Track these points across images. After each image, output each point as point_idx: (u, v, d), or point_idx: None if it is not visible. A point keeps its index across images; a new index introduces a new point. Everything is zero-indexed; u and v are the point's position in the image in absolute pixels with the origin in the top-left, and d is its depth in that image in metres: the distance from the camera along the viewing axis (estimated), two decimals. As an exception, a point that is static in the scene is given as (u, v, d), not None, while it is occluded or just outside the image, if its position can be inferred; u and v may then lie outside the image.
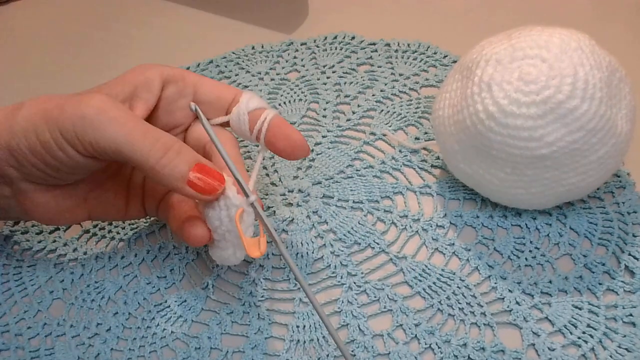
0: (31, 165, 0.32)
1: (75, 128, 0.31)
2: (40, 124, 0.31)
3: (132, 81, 0.35)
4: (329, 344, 0.34)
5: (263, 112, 0.36)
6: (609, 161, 0.35)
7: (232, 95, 0.37)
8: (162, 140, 0.31)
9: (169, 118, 0.36)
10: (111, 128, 0.30)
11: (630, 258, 0.36)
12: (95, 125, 0.30)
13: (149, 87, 0.35)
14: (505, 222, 0.39)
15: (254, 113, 0.36)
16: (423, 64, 0.51)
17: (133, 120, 0.31)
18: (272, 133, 0.36)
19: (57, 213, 0.35)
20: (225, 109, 0.37)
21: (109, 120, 0.31)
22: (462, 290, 0.36)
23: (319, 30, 0.55)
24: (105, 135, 0.30)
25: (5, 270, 0.40)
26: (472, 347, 0.34)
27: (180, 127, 0.37)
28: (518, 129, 0.34)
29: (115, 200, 0.37)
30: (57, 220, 0.36)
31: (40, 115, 0.31)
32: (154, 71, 0.35)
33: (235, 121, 0.36)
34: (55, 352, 0.36)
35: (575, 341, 0.33)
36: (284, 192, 0.42)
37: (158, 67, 0.35)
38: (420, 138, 0.45)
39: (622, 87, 0.35)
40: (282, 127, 0.36)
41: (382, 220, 0.40)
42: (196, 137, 0.37)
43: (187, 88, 0.36)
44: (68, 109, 0.31)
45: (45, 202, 0.34)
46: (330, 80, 0.50)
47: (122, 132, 0.30)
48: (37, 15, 0.62)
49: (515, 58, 0.35)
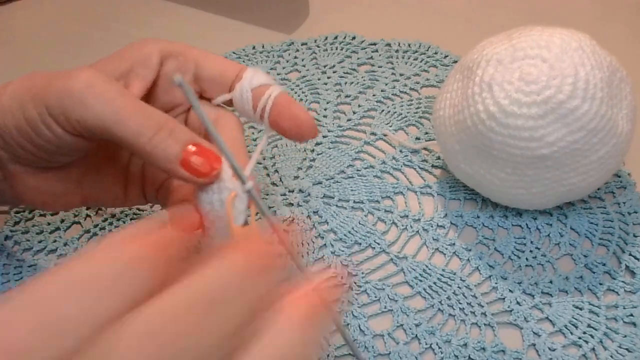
0: (18, 146, 0.31)
1: (61, 103, 0.29)
2: (26, 100, 0.29)
3: (129, 57, 0.33)
4: (329, 344, 0.34)
5: (268, 88, 0.33)
6: (610, 161, 0.35)
7: (236, 71, 0.34)
8: (155, 119, 0.29)
9: (168, 97, 0.34)
10: (99, 104, 0.28)
11: (631, 258, 0.36)
12: (81, 101, 0.28)
13: (146, 62, 0.32)
14: (506, 222, 0.39)
15: (258, 90, 0.33)
16: (424, 64, 0.51)
17: (123, 97, 0.29)
18: (276, 112, 0.33)
19: (50, 197, 0.34)
20: (228, 86, 0.34)
21: (96, 96, 0.28)
22: (462, 290, 0.36)
23: (320, 30, 0.55)
24: (92, 112, 0.28)
25: (5, 270, 0.40)
26: (472, 347, 0.34)
27: (182, 107, 0.35)
28: (519, 129, 0.34)
29: (113, 185, 0.35)
30: (51, 205, 0.34)
31: (27, 90, 0.30)
32: (152, 46, 0.33)
33: (238, 99, 0.33)
34: (55, 352, 0.35)
35: (576, 341, 0.33)
36: (284, 192, 0.42)
37: (157, 42, 0.33)
38: (421, 138, 0.45)
39: (622, 87, 0.35)
40: (288, 105, 0.33)
41: (382, 220, 0.40)
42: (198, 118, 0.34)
43: (187, 63, 0.34)
44: (55, 83, 0.29)
45: (37, 185, 0.33)
46: (331, 80, 0.50)
47: (110, 108, 0.28)
48: (37, 15, 0.62)
49: (516, 58, 0.35)
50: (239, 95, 0.33)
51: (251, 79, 0.33)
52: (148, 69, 0.33)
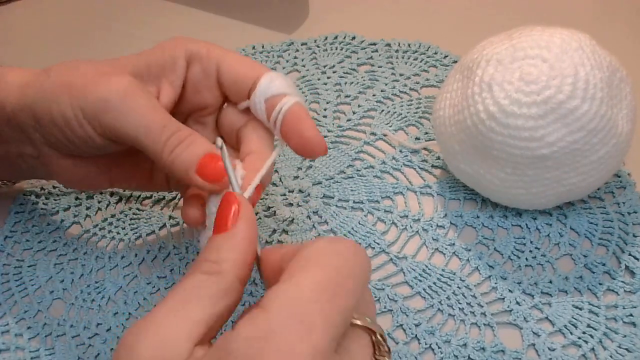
0: (51, 134, 0.32)
1: (97, 111, 0.30)
2: (64, 98, 0.31)
3: (159, 60, 0.33)
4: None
5: (281, 99, 0.32)
6: (610, 161, 0.35)
7: (253, 77, 0.33)
8: (178, 134, 0.31)
9: (196, 98, 0.35)
10: (132, 117, 0.30)
11: (631, 258, 0.36)
12: (117, 112, 0.30)
13: (174, 67, 0.33)
14: (506, 222, 0.39)
15: (272, 100, 0.32)
16: (423, 64, 0.51)
17: (154, 112, 0.31)
18: (287, 128, 0.32)
19: (78, 179, 0.35)
20: (246, 92, 0.33)
21: (131, 109, 0.30)
22: (462, 290, 0.36)
23: (320, 30, 0.55)
24: (125, 124, 0.30)
25: (5, 270, 0.40)
26: (472, 347, 0.34)
27: (210, 109, 0.35)
28: (519, 129, 0.34)
29: (139, 172, 0.37)
30: (79, 185, 0.37)
31: (65, 89, 0.31)
32: (179, 49, 0.33)
33: (254, 110, 0.33)
34: (55, 352, 0.35)
35: (576, 341, 0.33)
36: (284, 192, 0.42)
37: (183, 44, 0.34)
38: (421, 138, 0.45)
39: (622, 87, 0.35)
40: (297, 121, 0.32)
41: (382, 220, 0.40)
42: (228, 122, 0.35)
43: (210, 67, 0.34)
44: (91, 88, 0.31)
45: (67, 167, 0.34)
46: (331, 80, 0.50)
47: (142, 122, 0.30)
48: (37, 15, 0.62)
49: (516, 58, 0.35)
50: (254, 107, 0.33)
51: (266, 89, 0.32)
52: (176, 74, 0.33)
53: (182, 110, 0.35)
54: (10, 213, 0.43)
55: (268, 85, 0.32)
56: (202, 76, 0.34)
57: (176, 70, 0.33)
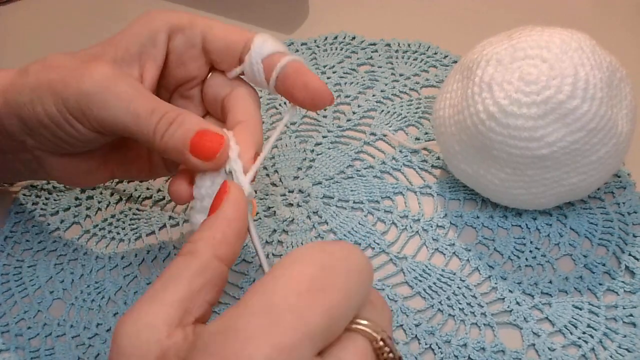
0: (41, 136, 0.32)
1: (81, 105, 0.30)
2: (47, 98, 0.30)
3: (138, 37, 0.32)
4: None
5: (280, 57, 0.31)
6: (610, 161, 0.35)
7: (243, 40, 0.32)
8: (167, 115, 0.30)
9: (181, 71, 0.34)
10: (117, 106, 0.29)
11: (631, 258, 0.36)
12: (101, 104, 0.29)
13: (154, 42, 0.32)
14: (506, 223, 0.39)
15: (269, 60, 0.32)
16: (423, 64, 0.51)
17: (139, 97, 0.30)
18: (289, 83, 0.31)
19: (77, 176, 0.35)
20: (237, 57, 0.33)
21: (114, 99, 0.29)
22: (462, 290, 0.36)
23: (319, 31, 0.55)
24: (111, 114, 0.30)
25: (5, 270, 0.40)
26: (472, 347, 0.34)
27: (196, 80, 0.34)
28: (519, 129, 0.34)
29: (137, 159, 0.36)
30: (80, 182, 0.36)
31: (46, 87, 0.30)
32: (158, 22, 0.32)
33: (249, 73, 0.32)
34: (55, 353, 0.36)
35: (576, 341, 0.33)
36: (284, 193, 0.42)
37: (164, 16, 0.33)
38: (421, 138, 0.45)
39: (622, 87, 0.35)
40: (300, 74, 0.31)
41: (382, 220, 0.40)
42: (212, 92, 0.34)
43: (195, 37, 0.33)
44: (71, 83, 0.30)
45: (63, 167, 0.34)
46: (331, 80, 0.50)
47: (129, 110, 0.29)
48: (37, 15, 0.62)
49: (515, 58, 0.35)
50: (249, 69, 0.32)
51: (260, 49, 0.32)
52: (157, 49, 0.32)
53: (167, 86, 0.34)
54: (10, 213, 0.43)
55: (262, 45, 0.32)
56: (186, 47, 0.33)
57: (157, 44, 0.32)
